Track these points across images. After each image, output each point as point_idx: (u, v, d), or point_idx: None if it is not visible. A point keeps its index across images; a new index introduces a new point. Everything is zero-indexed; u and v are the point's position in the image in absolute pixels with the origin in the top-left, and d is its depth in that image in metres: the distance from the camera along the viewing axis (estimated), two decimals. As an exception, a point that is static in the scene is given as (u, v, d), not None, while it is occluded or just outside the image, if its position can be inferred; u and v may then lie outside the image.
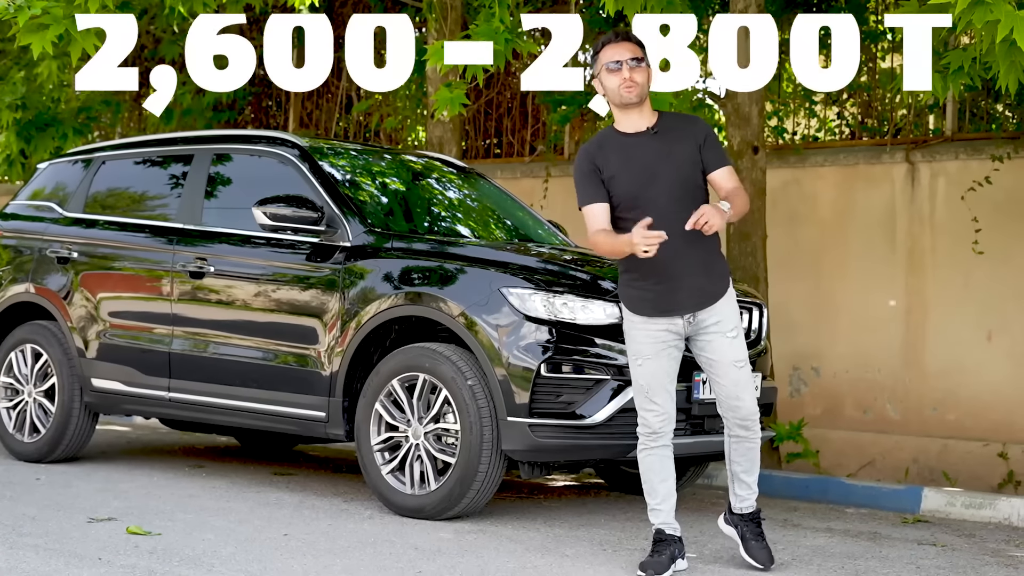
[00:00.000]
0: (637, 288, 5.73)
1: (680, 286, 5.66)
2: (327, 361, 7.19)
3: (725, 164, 5.80)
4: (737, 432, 5.86)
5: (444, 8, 10.49)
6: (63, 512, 6.67)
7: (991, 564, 6.31)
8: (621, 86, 5.69)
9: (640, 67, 5.71)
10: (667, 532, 5.79)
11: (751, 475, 5.93)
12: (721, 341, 5.73)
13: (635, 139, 5.75)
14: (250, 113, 15.10)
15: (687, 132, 5.79)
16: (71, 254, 8.59)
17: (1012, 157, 9.88)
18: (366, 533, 6.34)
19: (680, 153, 5.72)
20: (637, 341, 5.75)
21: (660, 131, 5.76)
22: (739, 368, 5.75)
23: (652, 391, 5.73)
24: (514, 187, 11.65)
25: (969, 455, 9.90)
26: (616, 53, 5.72)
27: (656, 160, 5.69)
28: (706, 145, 5.76)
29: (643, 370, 5.74)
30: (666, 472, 5.82)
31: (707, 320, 5.72)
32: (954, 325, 10.14)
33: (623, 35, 5.84)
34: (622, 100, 5.72)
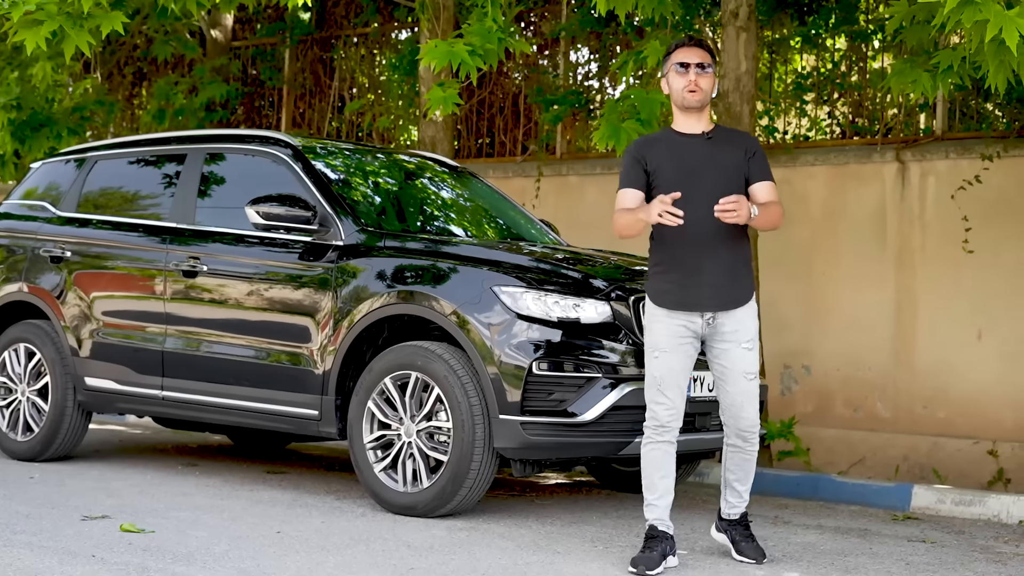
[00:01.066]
0: (663, 280, 5.88)
1: (704, 283, 5.81)
2: (320, 359, 7.21)
3: (768, 179, 5.99)
4: (735, 442, 6.00)
5: (437, 8, 10.51)
6: (57, 510, 6.69)
7: (980, 560, 6.35)
8: (685, 88, 5.90)
9: (706, 74, 5.91)
10: (660, 529, 5.85)
11: (744, 484, 6.06)
12: (736, 351, 5.88)
13: (689, 140, 5.94)
14: (242, 113, 15.11)
15: (738, 142, 6.02)
16: (64, 253, 8.60)
17: (1002, 156, 9.91)
18: (359, 530, 6.37)
19: (727, 159, 5.93)
20: (656, 333, 5.87)
21: (714, 138, 5.96)
22: (749, 380, 5.90)
23: (665, 385, 5.84)
24: (506, 186, 11.67)
25: (959, 453, 9.94)
26: (686, 56, 5.92)
27: (704, 162, 5.88)
28: (754, 157, 5.98)
29: (659, 363, 5.85)
30: (667, 468, 5.92)
31: (725, 326, 5.86)
32: (944, 323, 10.17)
33: (696, 41, 6.04)
34: (684, 102, 5.92)
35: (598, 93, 12.71)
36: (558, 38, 12.62)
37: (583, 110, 12.32)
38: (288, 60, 14.58)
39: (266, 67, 14.69)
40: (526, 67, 13.20)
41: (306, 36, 14.42)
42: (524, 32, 13.30)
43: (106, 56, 15.56)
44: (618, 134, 8.50)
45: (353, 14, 14.30)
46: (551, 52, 13.15)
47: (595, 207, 11.73)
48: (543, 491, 8.20)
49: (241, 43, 14.99)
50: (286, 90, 14.58)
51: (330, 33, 14.45)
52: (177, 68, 15.31)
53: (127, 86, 16.09)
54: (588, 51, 12.95)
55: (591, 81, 12.89)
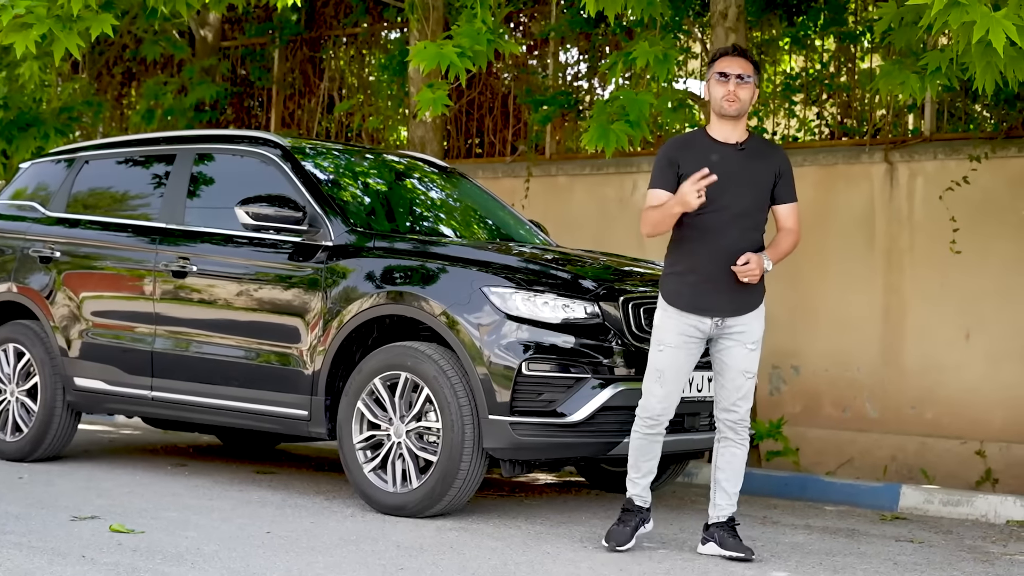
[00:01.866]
0: (678, 281, 6.04)
1: (719, 289, 5.98)
2: (309, 360, 7.21)
3: (793, 200, 6.19)
4: (727, 435, 6.13)
5: (426, 8, 10.51)
6: (46, 510, 6.69)
7: (968, 560, 6.37)
8: (724, 98, 6.03)
9: (746, 84, 6.04)
10: (636, 503, 6.16)
11: (733, 485, 6.15)
12: (740, 350, 6.06)
13: (722, 148, 6.06)
14: (232, 113, 15.10)
15: (770, 158, 6.14)
16: (53, 253, 8.60)
17: (990, 157, 9.94)
18: (348, 531, 6.37)
19: (758, 174, 6.07)
20: (665, 329, 6.04)
21: (747, 149, 6.08)
22: (747, 378, 6.09)
23: (665, 378, 6.02)
24: (495, 187, 11.68)
25: (947, 453, 9.96)
26: (727, 66, 6.06)
27: (735, 173, 6.00)
28: (782, 178, 6.14)
29: (663, 356, 6.03)
30: (653, 454, 6.17)
31: (733, 328, 6.04)
32: (932, 324, 10.19)
33: (739, 51, 6.16)
34: (722, 111, 6.06)
35: (587, 94, 12.73)
36: (547, 39, 12.63)
37: (572, 111, 12.33)
38: (277, 60, 14.58)
39: (255, 67, 14.69)
40: (515, 68, 13.21)
41: (295, 36, 14.41)
42: (513, 33, 13.31)
43: (95, 56, 15.55)
44: (607, 135, 8.51)
45: (342, 14, 14.30)
46: (540, 53, 13.17)
47: (584, 208, 11.75)
48: (532, 491, 8.21)
49: (230, 43, 14.98)
50: (275, 90, 14.57)
51: (319, 33, 14.45)
52: (166, 68, 15.30)
53: (116, 86, 16.08)
54: (577, 52, 12.97)
55: (580, 82, 12.91)
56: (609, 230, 11.30)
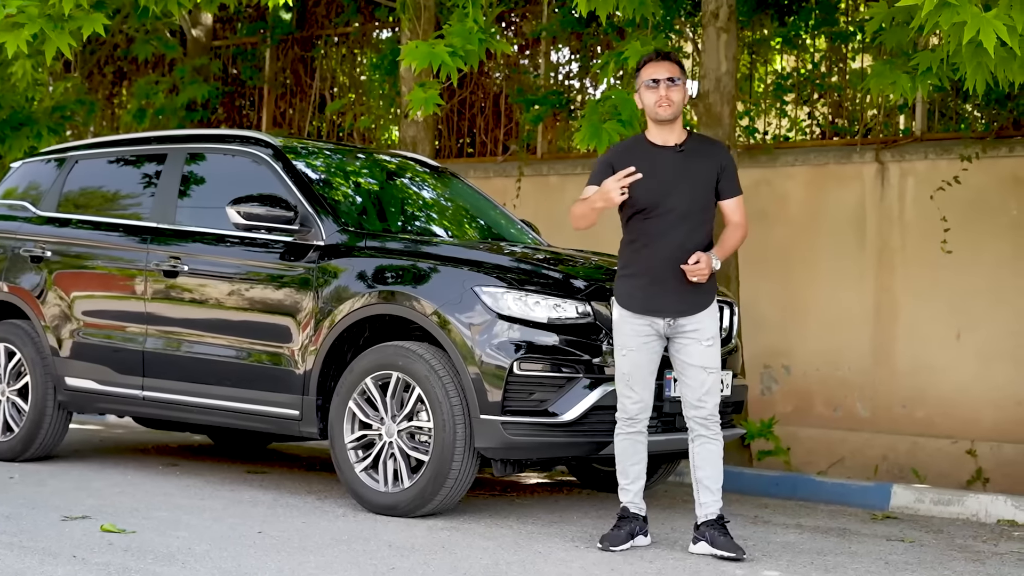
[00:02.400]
0: (629, 284, 6.15)
1: (668, 290, 6.07)
2: (301, 360, 7.21)
3: (737, 194, 6.24)
4: (699, 431, 6.16)
5: (418, 8, 10.51)
6: (37, 510, 6.68)
7: (959, 559, 6.38)
8: (656, 103, 6.11)
9: (676, 86, 6.12)
10: (631, 510, 6.20)
11: (715, 482, 6.16)
12: (696, 347, 6.11)
13: (662, 151, 6.16)
14: (223, 113, 15.09)
15: (710, 156, 6.22)
16: (44, 253, 8.59)
17: (980, 157, 9.96)
18: (340, 531, 6.37)
19: (700, 173, 6.15)
20: (623, 333, 6.14)
21: (686, 149, 6.17)
22: (709, 374, 6.13)
23: (633, 380, 6.11)
24: (487, 186, 11.68)
25: (938, 452, 9.98)
26: (655, 72, 6.14)
27: (677, 176, 6.10)
28: (724, 174, 6.20)
29: (627, 360, 6.12)
30: (638, 456, 6.21)
31: (687, 326, 6.11)
32: (923, 324, 10.21)
33: (663, 55, 6.24)
34: (656, 116, 6.14)
35: (579, 93, 12.73)
36: (539, 38, 12.63)
37: (564, 110, 12.34)
38: (269, 60, 14.57)
39: (247, 67, 14.68)
40: (507, 67, 13.21)
41: (287, 36, 14.41)
42: (505, 32, 13.31)
43: (86, 55, 15.53)
44: (599, 134, 8.51)
45: (334, 14, 14.29)
46: (532, 52, 13.16)
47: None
48: (524, 491, 8.21)
49: (222, 42, 14.97)
50: (267, 90, 14.57)
51: (311, 33, 14.44)
52: (157, 67, 15.29)
53: (107, 85, 16.05)
54: (569, 51, 12.97)
55: (572, 81, 12.91)
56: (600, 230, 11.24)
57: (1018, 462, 9.66)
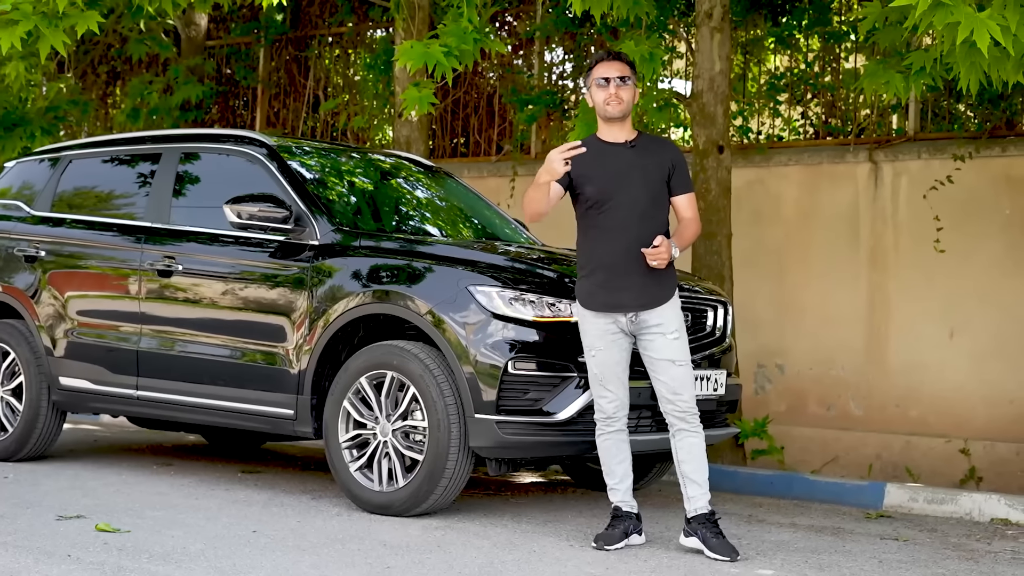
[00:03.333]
0: (588, 282, 6.19)
1: (626, 286, 6.11)
2: (295, 359, 7.21)
3: (689, 191, 6.34)
4: (679, 425, 6.17)
5: (412, 8, 10.51)
6: (32, 510, 6.68)
7: (952, 558, 6.39)
8: (606, 100, 6.21)
9: (626, 85, 6.22)
10: (624, 509, 6.23)
11: (700, 474, 6.17)
12: (662, 341, 6.14)
13: (613, 148, 6.24)
14: (217, 112, 15.09)
15: (661, 153, 6.30)
16: (39, 253, 8.58)
17: (973, 157, 9.98)
18: (334, 530, 6.37)
19: (651, 169, 6.22)
20: (589, 334, 6.21)
21: (637, 146, 6.25)
22: (678, 366, 6.14)
23: (605, 379, 6.16)
24: (481, 186, 11.68)
25: (931, 451, 10.00)
26: (606, 71, 6.23)
27: (628, 169, 6.17)
28: (676, 171, 6.28)
29: (596, 360, 6.18)
30: (622, 454, 6.26)
31: (649, 321, 6.15)
32: (916, 323, 10.23)
33: (614, 55, 6.33)
34: (606, 114, 6.23)
35: (572, 93, 12.73)
36: (533, 38, 12.64)
37: (558, 110, 12.35)
38: (263, 59, 14.57)
39: (241, 66, 14.67)
40: (501, 67, 13.22)
41: (281, 35, 14.41)
42: (499, 32, 13.32)
43: (80, 55, 15.52)
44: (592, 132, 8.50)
45: (328, 14, 14.29)
46: (526, 52, 13.17)
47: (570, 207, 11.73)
48: (518, 490, 8.22)
49: (216, 42, 14.97)
50: (261, 89, 14.56)
51: (305, 32, 14.44)
52: (151, 67, 15.27)
53: (101, 85, 16.04)
54: (563, 51, 12.98)
55: (566, 81, 12.92)
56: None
57: (1011, 461, 9.68)
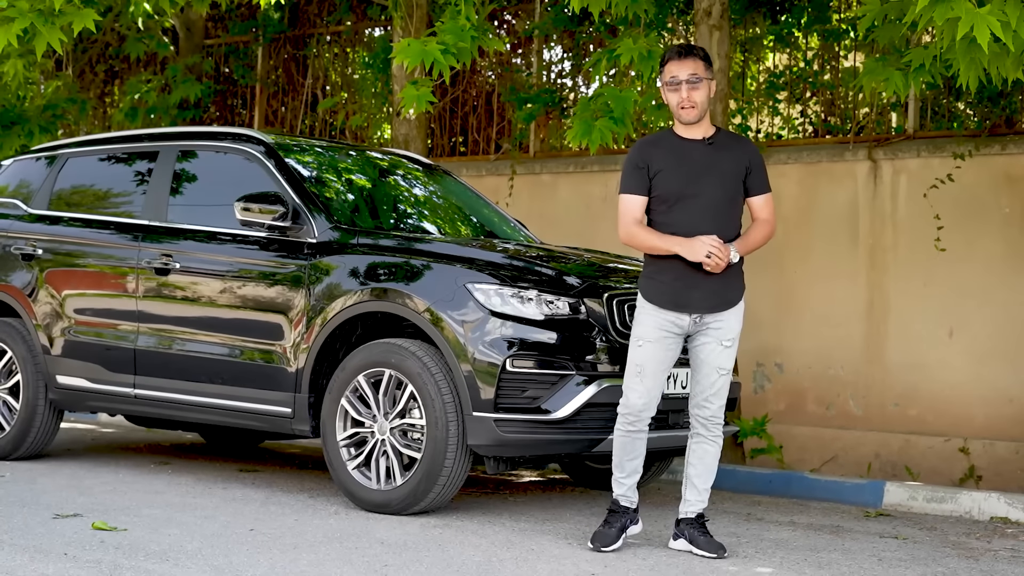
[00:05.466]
0: (658, 279, 6.01)
1: (698, 287, 5.96)
2: (293, 357, 7.19)
3: (766, 191, 6.16)
4: (699, 431, 6.15)
5: (410, 6, 10.50)
6: (28, 508, 6.66)
7: (952, 556, 6.38)
8: (679, 104, 5.98)
9: (699, 86, 5.96)
10: (622, 504, 6.13)
11: (704, 481, 6.17)
12: (715, 346, 6.05)
13: (691, 144, 6.03)
14: (215, 111, 15.07)
15: (739, 151, 6.10)
16: (36, 251, 8.56)
17: (973, 155, 9.96)
18: (332, 528, 6.36)
19: (728, 167, 6.03)
20: (644, 325, 6.03)
21: (715, 143, 6.05)
22: (721, 375, 6.07)
23: (645, 372, 5.99)
24: (479, 185, 11.67)
25: (930, 450, 9.98)
26: (676, 70, 5.98)
27: (705, 167, 5.98)
28: (753, 170, 6.10)
29: (642, 351, 6.01)
30: (636, 453, 6.14)
31: (711, 324, 6.03)
32: (915, 322, 10.21)
33: (686, 50, 6.03)
34: (681, 119, 6.03)
35: (571, 92, 12.72)
36: (531, 37, 12.62)
37: (556, 109, 12.33)
38: (261, 58, 14.55)
39: (239, 65, 14.65)
40: (499, 66, 13.20)
41: (279, 34, 14.39)
42: (498, 31, 13.30)
43: (78, 54, 15.50)
44: (591, 132, 8.51)
45: (326, 12, 14.28)
46: (524, 51, 13.16)
47: (568, 205, 11.75)
48: (517, 489, 8.20)
49: (214, 41, 14.95)
50: (259, 88, 14.54)
51: (303, 31, 14.43)
52: (149, 66, 15.26)
53: (99, 84, 16.02)
54: (561, 50, 12.96)
55: (564, 80, 12.91)
56: (593, 227, 11.29)
57: (1010, 460, 9.67)
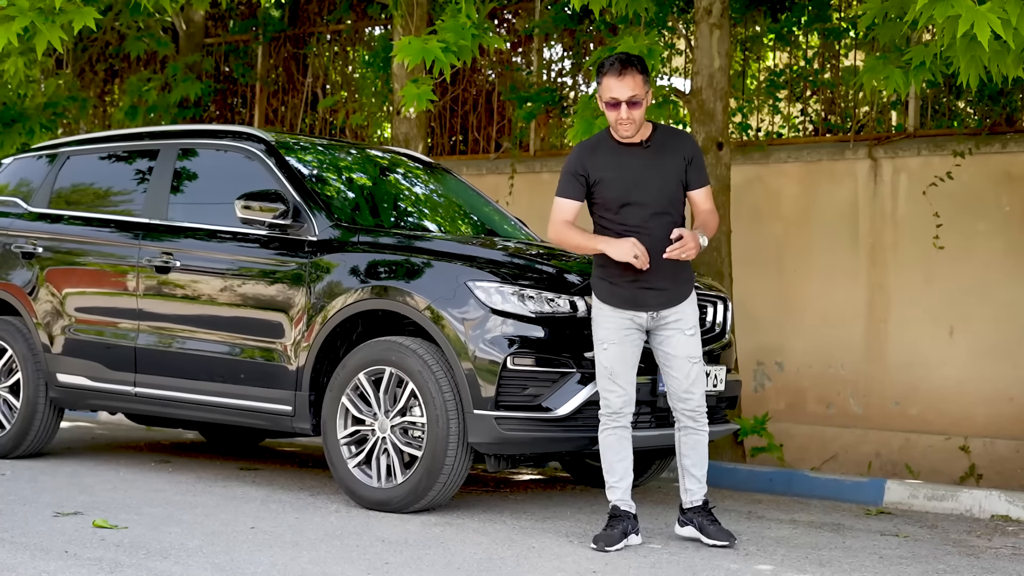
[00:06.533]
0: (609, 281, 6.13)
1: (649, 286, 6.07)
2: (293, 355, 7.19)
3: (704, 184, 6.25)
4: (686, 423, 6.26)
5: (410, 4, 10.49)
6: (29, 506, 6.66)
7: (953, 554, 6.38)
8: (618, 122, 6.08)
9: (638, 106, 6.04)
10: (622, 508, 6.15)
11: (700, 469, 6.30)
12: (679, 338, 6.15)
13: (628, 149, 6.15)
14: (215, 110, 15.07)
15: (677, 148, 6.19)
16: (36, 249, 8.56)
17: (973, 153, 9.96)
18: (333, 526, 6.35)
19: (667, 167, 6.14)
20: (604, 328, 6.15)
21: (652, 145, 6.15)
22: (692, 363, 6.17)
23: (615, 374, 6.11)
24: (480, 183, 11.67)
25: (931, 449, 9.98)
26: (616, 90, 6.02)
27: (644, 171, 6.10)
28: (692, 165, 6.20)
29: (608, 354, 6.12)
30: (624, 452, 6.19)
31: (668, 317, 6.14)
32: (916, 320, 10.21)
33: (623, 64, 6.04)
34: (619, 134, 6.12)
35: (571, 90, 12.72)
36: (532, 35, 12.62)
37: (556, 107, 12.33)
38: (261, 57, 14.55)
39: (239, 64, 14.65)
40: (500, 64, 13.20)
41: (279, 33, 14.39)
42: (498, 29, 13.30)
43: (78, 53, 15.50)
44: (591, 131, 8.50)
45: (326, 11, 14.28)
46: (525, 49, 13.16)
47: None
48: (517, 487, 8.20)
49: (214, 40, 14.95)
50: (259, 87, 14.54)
51: (303, 30, 14.42)
52: (149, 65, 15.26)
53: (99, 83, 16.02)
54: (562, 48, 12.96)
55: (564, 78, 12.90)
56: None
57: (1011, 458, 9.67)
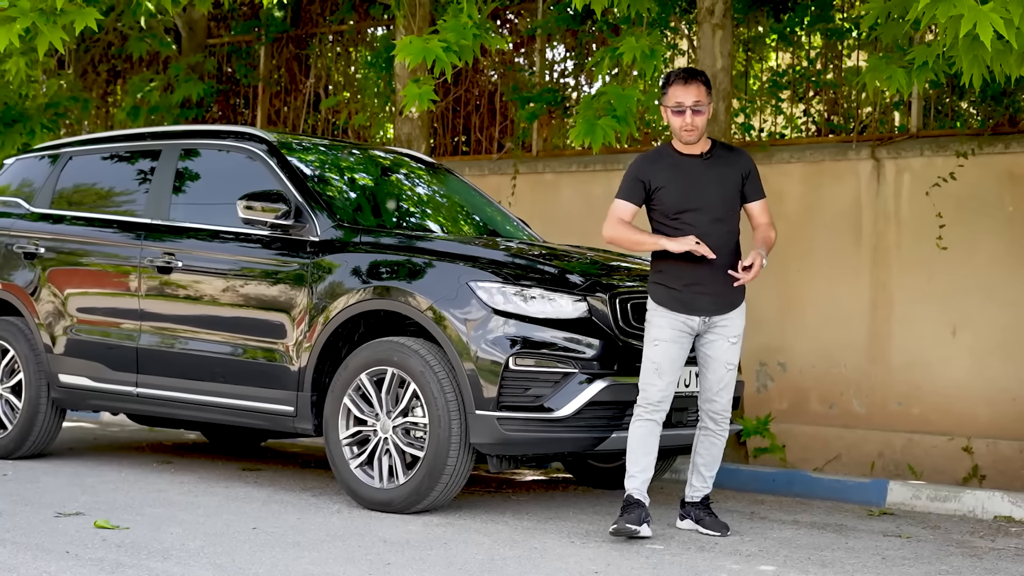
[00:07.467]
0: (666, 286, 6.35)
1: (703, 292, 6.33)
2: (295, 356, 7.19)
3: (762, 197, 6.54)
4: (707, 424, 6.51)
5: (412, 4, 10.49)
6: (30, 507, 6.65)
7: (956, 554, 6.37)
8: (682, 128, 6.34)
9: (701, 113, 6.33)
10: (636, 497, 6.29)
11: (710, 470, 6.58)
12: (723, 343, 6.41)
13: (689, 160, 6.40)
14: (217, 110, 15.06)
15: (734, 162, 6.48)
16: (38, 250, 8.56)
17: (976, 153, 9.95)
18: (334, 527, 6.35)
19: (726, 179, 6.42)
20: (657, 327, 6.35)
21: (712, 157, 6.43)
22: (728, 369, 6.43)
23: (663, 370, 6.29)
24: (482, 184, 11.66)
25: (934, 449, 9.97)
26: (681, 96, 6.33)
27: (704, 182, 6.36)
28: (749, 178, 6.49)
29: (658, 350, 6.31)
30: (651, 447, 6.34)
31: (718, 323, 6.40)
32: (919, 320, 10.20)
33: (690, 75, 6.39)
34: (683, 140, 6.38)
35: (574, 90, 12.72)
36: (534, 35, 12.61)
37: (559, 108, 12.32)
38: (263, 58, 14.54)
39: (241, 65, 14.65)
40: (502, 65, 13.19)
41: (281, 33, 14.38)
42: (500, 29, 13.29)
43: (80, 53, 15.50)
44: (594, 131, 8.50)
45: (328, 11, 14.27)
46: (527, 50, 13.15)
47: (571, 204, 11.74)
48: (519, 487, 8.20)
49: (216, 40, 14.94)
50: (261, 88, 14.54)
51: (306, 30, 14.42)
52: (152, 65, 15.25)
53: (101, 83, 16.02)
54: (564, 48, 12.96)
55: (567, 79, 12.90)
56: (596, 226, 11.16)
57: (1014, 459, 9.66)
